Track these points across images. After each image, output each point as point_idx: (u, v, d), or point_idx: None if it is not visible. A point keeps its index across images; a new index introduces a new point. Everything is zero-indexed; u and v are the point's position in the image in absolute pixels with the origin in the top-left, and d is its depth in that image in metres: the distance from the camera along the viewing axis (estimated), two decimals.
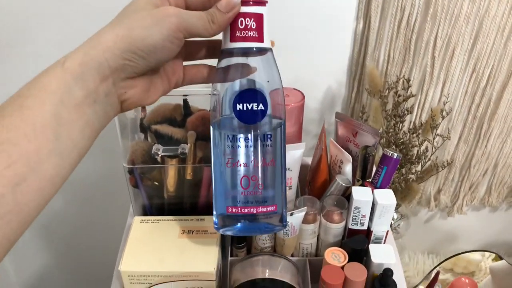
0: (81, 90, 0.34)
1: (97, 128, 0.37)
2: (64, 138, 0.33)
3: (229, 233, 0.46)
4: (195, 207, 0.59)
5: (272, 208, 0.44)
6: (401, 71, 0.78)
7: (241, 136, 0.42)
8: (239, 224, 0.44)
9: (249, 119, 0.42)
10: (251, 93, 0.41)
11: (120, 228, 0.63)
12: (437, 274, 0.84)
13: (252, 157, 0.42)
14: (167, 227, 0.55)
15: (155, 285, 0.51)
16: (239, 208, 0.43)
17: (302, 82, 0.74)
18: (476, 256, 0.90)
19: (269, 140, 0.43)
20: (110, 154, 0.73)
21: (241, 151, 0.42)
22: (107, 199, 0.92)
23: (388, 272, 0.52)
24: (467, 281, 0.86)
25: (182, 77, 0.43)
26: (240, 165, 0.42)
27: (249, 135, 0.42)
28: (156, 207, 0.60)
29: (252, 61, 0.41)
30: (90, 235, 1.00)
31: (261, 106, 0.41)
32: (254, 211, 0.43)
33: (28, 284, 1.10)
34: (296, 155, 0.57)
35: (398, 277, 0.56)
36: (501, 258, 0.88)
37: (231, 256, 0.61)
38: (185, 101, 0.57)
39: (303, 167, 0.69)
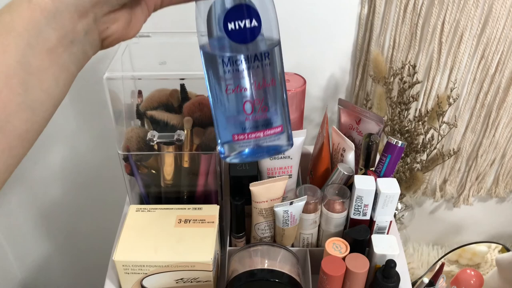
0: (55, 31, 0.29)
1: (74, 72, 0.32)
2: (35, 89, 0.29)
3: (236, 160, 0.42)
4: (192, 196, 0.57)
5: (278, 130, 0.41)
6: (407, 57, 0.75)
7: (237, 58, 0.38)
8: (247, 150, 0.41)
9: (243, 38, 0.38)
10: (241, 9, 0.37)
11: (118, 217, 0.61)
12: (442, 265, 0.82)
13: (253, 79, 0.39)
14: (163, 216, 0.53)
15: (150, 275, 0.50)
16: (246, 135, 0.40)
17: (304, 68, 0.71)
18: (482, 247, 0.88)
19: (267, 58, 0.39)
20: (107, 141, 0.71)
21: (240, 74, 0.38)
22: (105, 187, 0.91)
23: (391, 264, 0.50)
24: (472, 273, 0.84)
25: (159, 0, 0.37)
26: (241, 89, 0.39)
27: (245, 55, 0.38)
28: (153, 196, 0.58)
29: None
30: (89, 223, 0.99)
31: (254, 22, 0.37)
32: (262, 135, 0.41)
33: (29, 272, 1.10)
34: (297, 142, 0.55)
35: (402, 268, 0.54)
36: (508, 250, 0.86)
37: (229, 246, 0.59)
38: (182, 86, 0.55)
39: (305, 156, 0.67)
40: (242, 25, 0.37)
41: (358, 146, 0.61)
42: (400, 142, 0.56)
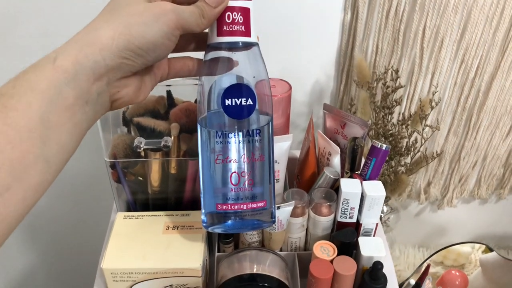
0: (73, 91, 0.32)
1: (85, 129, 0.35)
2: (52, 143, 0.31)
3: (218, 230, 0.45)
4: (180, 202, 0.57)
5: (262, 204, 0.43)
6: (389, 62, 0.77)
7: (230, 132, 0.41)
8: (229, 222, 0.43)
9: (238, 115, 0.41)
10: (239, 88, 0.40)
11: (105, 225, 0.61)
12: (428, 267, 0.84)
13: (242, 153, 0.41)
14: (151, 223, 0.53)
15: (139, 282, 0.50)
16: (229, 205, 0.42)
17: (289, 75, 0.72)
18: (466, 248, 0.89)
19: (257, 135, 0.42)
20: (93, 149, 0.71)
21: (231, 147, 0.41)
22: (91, 195, 0.90)
23: (378, 265, 0.51)
24: (457, 273, 0.86)
25: (167, 71, 0.42)
26: (230, 161, 0.42)
27: (238, 130, 0.41)
28: (140, 203, 0.58)
29: (239, 55, 0.41)
30: (74, 232, 0.98)
31: (249, 101, 0.41)
32: (244, 208, 0.43)
33: (12, 284, 1.08)
34: (283, 147, 0.56)
35: (389, 270, 0.55)
36: (491, 250, 0.87)
37: (218, 251, 0.59)
38: (168, 92, 0.55)
39: (291, 160, 0.67)
40: (238, 102, 0.40)
41: (344, 150, 0.62)
42: (384, 145, 0.57)
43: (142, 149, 0.52)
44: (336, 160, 0.59)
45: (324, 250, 0.54)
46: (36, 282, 1.09)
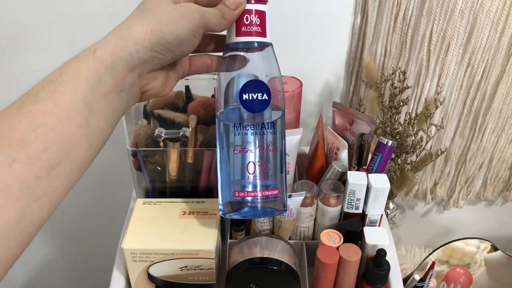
0: (111, 80, 0.36)
1: (119, 116, 0.38)
2: (93, 125, 0.35)
3: (235, 217, 0.48)
4: (195, 191, 0.61)
5: (275, 192, 0.47)
6: (397, 65, 0.80)
7: (247, 125, 0.45)
8: (245, 208, 0.47)
9: (254, 108, 0.45)
10: (256, 84, 0.44)
11: (124, 212, 0.64)
12: (433, 263, 0.86)
13: (258, 144, 0.45)
14: (169, 208, 0.57)
15: (156, 262, 0.53)
16: (246, 193, 0.46)
17: (300, 76, 0.75)
18: (472, 248, 0.91)
19: (271, 128, 0.46)
20: (115, 140, 0.75)
21: (247, 138, 0.45)
22: (112, 184, 0.94)
23: (381, 253, 0.54)
24: (461, 271, 0.88)
25: (188, 68, 0.46)
26: (247, 151, 0.45)
27: (254, 123, 0.45)
28: (158, 190, 0.62)
29: (255, 55, 0.45)
30: (92, 222, 1.02)
31: (265, 96, 0.44)
32: (260, 195, 0.46)
33: (31, 273, 1.12)
34: (294, 140, 0.59)
35: (392, 258, 0.58)
36: (496, 249, 0.89)
37: (230, 238, 0.62)
38: (187, 87, 0.59)
39: (301, 156, 0.71)
40: (254, 97, 0.44)
41: (351, 145, 0.65)
42: (390, 141, 0.60)
43: (162, 138, 0.55)
44: (344, 155, 0.62)
45: (331, 238, 0.57)
46: (52, 272, 1.13)
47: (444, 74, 0.81)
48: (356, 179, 0.57)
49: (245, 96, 0.44)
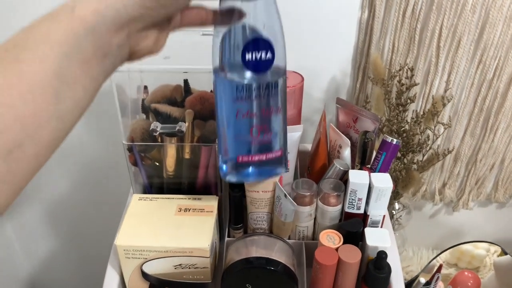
0: (92, 44, 0.30)
1: (101, 83, 0.32)
2: (66, 99, 0.29)
3: (235, 179, 0.46)
4: (193, 187, 0.60)
5: (279, 153, 0.45)
6: (405, 61, 0.77)
7: (250, 86, 0.41)
8: (248, 170, 0.44)
9: (257, 68, 0.40)
10: (259, 42, 0.40)
11: (123, 208, 0.64)
12: (440, 267, 0.83)
13: (261, 106, 0.42)
14: (165, 205, 0.56)
15: (150, 260, 0.52)
16: (250, 157, 0.44)
17: (306, 71, 0.74)
18: (481, 251, 0.88)
19: (274, 88, 0.42)
20: (112, 134, 0.74)
21: (250, 100, 0.42)
22: (111, 179, 0.93)
23: (382, 255, 0.52)
24: (470, 275, 0.85)
25: (179, 21, 0.39)
26: (251, 115, 0.42)
27: (257, 84, 0.41)
28: (155, 186, 0.61)
29: (254, 4, 0.39)
30: (94, 216, 1.02)
31: (269, 55, 0.40)
32: (264, 158, 0.44)
33: (37, 266, 1.13)
34: (294, 137, 0.58)
35: (394, 261, 0.56)
36: (506, 253, 0.86)
37: (228, 237, 0.61)
38: (185, 81, 0.58)
39: (303, 153, 0.69)
40: (258, 56, 0.40)
41: (355, 143, 0.63)
42: (395, 140, 0.58)
43: (158, 133, 0.54)
44: (346, 153, 0.60)
45: (330, 239, 0.55)
46: (62, 258, 1.13)
47: (454, 71, 0.78)
48: (358, 178, 0.55)
49: (248, 56, 0.40)
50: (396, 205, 0.82)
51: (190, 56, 0.54)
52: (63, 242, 1.09)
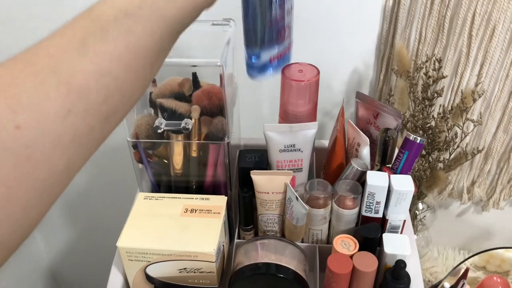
0: (192, 20, 0.32)
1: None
2: (155, 69, 0.31)
3: (261, 75, 0.46)
4: (201, 187, 0.57)
5: (291, 49, 0.48)
6: (433, 51, 0.72)
7: None
8: (275, 64, 0.46)
9: None
10: None
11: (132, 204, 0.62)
12: (467, 270, 0.79)
13: (287, 6, 0.44)
14: (170, 205, 0.53)
15: (154, 263, 0.50)
16: (279, 55, 0.46)
17: (326, 63, 0.69)
18: None
19: None
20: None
21: (283, 3, 0.43)
22: (124, 175, 0.92)
23: (400, 264, 0.48)
24: (499, 280, 0.80)
25: None
26: (282, 15, 0.44)
27: None
28: (163, 185, 0.58)
29: None
30: (109, 208, 1.01)
31: None
32: (287, 52, 0.47)
33: (56, 255, 1.14)
34: (308, 135, 0.54)
35: (414, 270, 0.52)
36: None
37: (238, 238, 0.58)
38: (194, 74, 0.54)
39: (320, 151, 0.65)
40: None
41: (375, 141, 0.59)
42: (419, 138, 0.54)
43: (162, 130, 0.51)
44: (365, 152, 0.56)
45: (345, 245, 0.51)
46: (76, 251, 1.14)
47: (487, 62, 0.72)
48: (376, 180, 0.51)
49: None
50: (420, 205, 0.77)
51: (199, 47, 0.52)
52: (81, 234, 1.09)
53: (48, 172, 0.26)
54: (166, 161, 0.57)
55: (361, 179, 0.56)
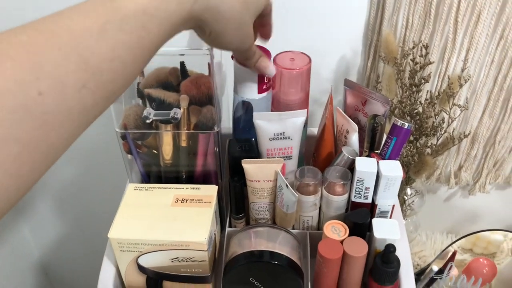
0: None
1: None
2: (153, 53, 0.35)
3: None
4: (192, 177, 0.57)
5: None
6: (420, 38, 0.72)
7: None
8: None
9: None
10: None
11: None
12: (454, 253, 0.80)
13: None
14: (161, 195, 0.53)
15: (145, 253, 0.50)
16: None
17: (314, 50, 0.69)
18: (498, 236, 0.85)
19: None
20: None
21: None
22: (113, 167, 0.92)
23: (390, 248, 0.49)
24: (485, 262, 0.82)
25: None
26: None
27: None
28: (153, 175, 0.58)
29: None
30: (99, 201, 1.01)
31: None
32: None
33: (46, 250, 1.13)
34: (297, 122, 0.54)
35: (403, 254, 0.53)
36: None
37: (229, 227, 0.59)
38: (182, 63, 0.54)
39: (310, 139, 0.65)
40: None
41: (364, 128, 0.60)
42: (406, 124, 0.54)
43: (150, 120, 0.51)
44: (354, 138, 0.56)
45: (335, 230, 0.52)
46: (66, 245, 1.13)
47: (473, 48, 0.73)
48: (365, 166, 0.52)
49: None
50: (408, 191, 0.78)
51: (187, 36, 0.51)
52: (71, 227, 1.08)
53: (57, 139, 0.28)
54: (155, 151, 0.57)
55: (352, 166, 0.56)
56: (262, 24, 0.48)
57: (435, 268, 0.76)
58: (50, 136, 0.27)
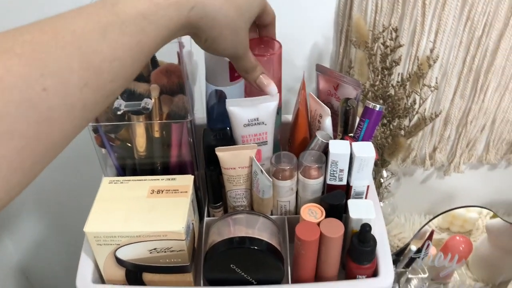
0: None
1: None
2: (151, 55, 0.37)
3: None
4: (167, 168, 0.57)
5: None
6: (390, 22, 0.73)
7: None
8: None
9: None
10: None
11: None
12: (432, 232, 0.82)
13: None
14: (136, 187, 0.53)
15: (123, 246, 0.50)
16: None
17: (286, 37, 0.69)
18: (473, 214, 0.87)
19: None
20: None
21: None
22: (85, 163, 0.91)
23: (366, 227, 0.49)
24: (461, 239, 0.84)
25: None
26: None
27: None
28: (128, 168, 0.58)
29: None
30: (74, 199, 0.99)
31: None
32: None
33: (25, 252, 1.11)
34: (270, 107, 0.54)
35: (380, 233, 0.53)
36: (498, 216, 0.85)
37: (207, 216, 0.59)
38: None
39: (285, 125, 0.66)
40: None
41: (337, 112, 0.60)
42: (378, 106, 0.55)
43: (122, 111, 0.51)
44: (327, 122, 0.57)
45: (312, 213, 0.52)
46: (44, 245, 1.11)
47: (441, 30, 0.74)
48: (338, 148, 0.52)
49: None
50: (384, 173, 0.79)
51: None
52: (48, 227, 1.07)
53: (59, 135, 0.29)
54: (129, 144, 0.57)
55: (326, 150, 0.57)
56: (266, 35, 0.53)
57: (414, 248, 0.77)
58: (53, 131, 0.28)
